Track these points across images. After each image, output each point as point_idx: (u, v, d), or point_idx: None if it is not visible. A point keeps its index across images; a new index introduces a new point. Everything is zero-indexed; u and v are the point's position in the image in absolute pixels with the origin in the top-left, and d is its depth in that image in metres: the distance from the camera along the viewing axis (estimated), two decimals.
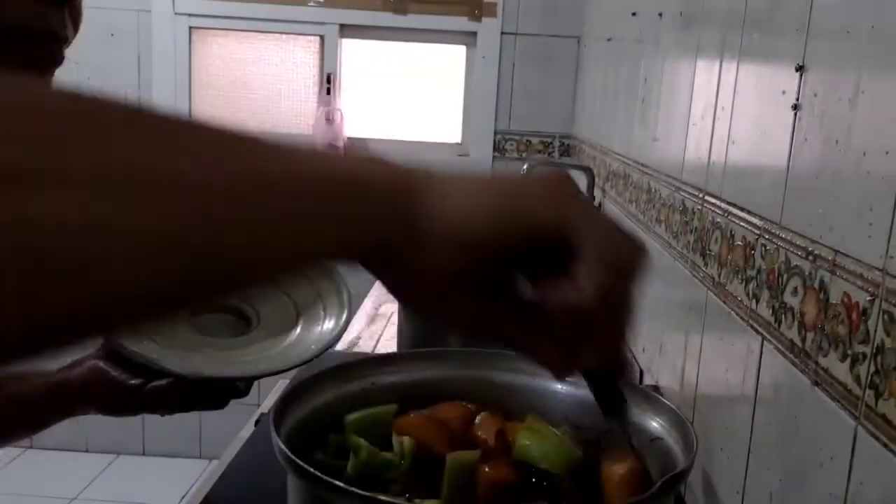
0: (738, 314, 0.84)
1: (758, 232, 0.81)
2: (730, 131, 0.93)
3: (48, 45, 0.57)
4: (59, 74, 0.57)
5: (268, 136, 0.34)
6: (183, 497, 2.61)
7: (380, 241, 0.37)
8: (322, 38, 2.77)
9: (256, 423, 1.09)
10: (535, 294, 0.41)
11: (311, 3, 2.74)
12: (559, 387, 0.73)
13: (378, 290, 1.85)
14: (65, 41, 0.59)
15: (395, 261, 0.38)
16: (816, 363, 0.64)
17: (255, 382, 0.90)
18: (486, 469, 0.62)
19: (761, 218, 0.80)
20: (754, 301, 0.80)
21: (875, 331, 0.55)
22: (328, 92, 2.75)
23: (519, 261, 0.40)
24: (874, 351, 0.55)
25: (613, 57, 1.96)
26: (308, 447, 0.62)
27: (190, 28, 2.77)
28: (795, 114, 0.73)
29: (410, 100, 2.87)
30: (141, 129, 0.29)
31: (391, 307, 1.66)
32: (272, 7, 2.73)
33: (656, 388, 1.17)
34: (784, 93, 0.75)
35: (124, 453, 3.01)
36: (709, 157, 1.01)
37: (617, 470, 0.61)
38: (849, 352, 0.59)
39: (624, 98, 1.73)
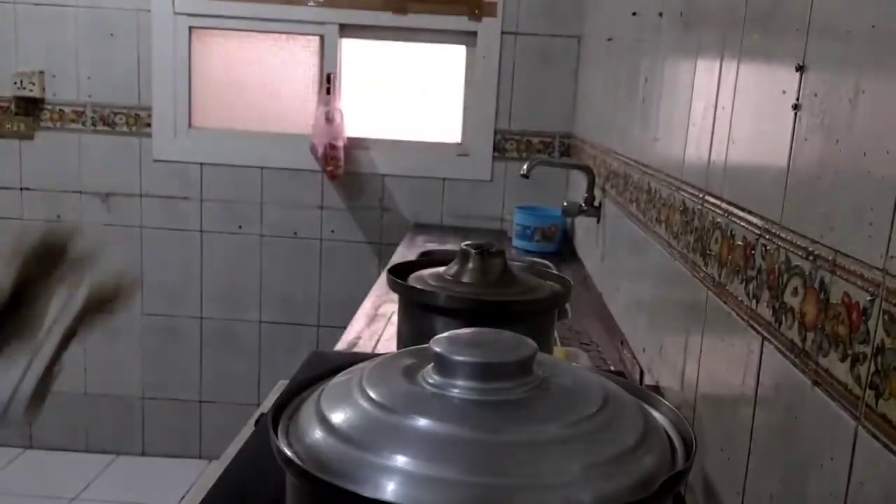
0: (738, 314, 0.84)
1: (758, 232, 0.81)
2: (730, 131, 0.93)
3: None
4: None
5: None
6: (183, 497, 2.61)
7: None
8: (322, 37, 2.77)
9: (256, 423, 1.09)
10: None
11: (311, 3, 2.74)
12: None
13: (378, 290, 1.85)
14: None
15: None
16: (816, 363, 0.64)
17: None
18: None
19: (761, 218, 0.80)
20: (754, 301, 0.80)
21: (875, 331, 0.55)
22: (328, 92, 2.75)
23: None
24: (874, 351, 0.55)
25: (613, 57, 1.96)
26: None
27: (190, 28, 2.77)
28: (795, 114, 0.73)
29: (410, 99, 2.87)
30: None
31: (391, 307, 1.66)
32: (272, 7, 2.73)
33: (656, 388, 1.17)
34: (784, 93, 0.75)
35: (124, 453, 3.01)
36: (709, 157, 1.01)
37: None
38: (849, 352, 0.59)
39: (624, 98, 1.73)
